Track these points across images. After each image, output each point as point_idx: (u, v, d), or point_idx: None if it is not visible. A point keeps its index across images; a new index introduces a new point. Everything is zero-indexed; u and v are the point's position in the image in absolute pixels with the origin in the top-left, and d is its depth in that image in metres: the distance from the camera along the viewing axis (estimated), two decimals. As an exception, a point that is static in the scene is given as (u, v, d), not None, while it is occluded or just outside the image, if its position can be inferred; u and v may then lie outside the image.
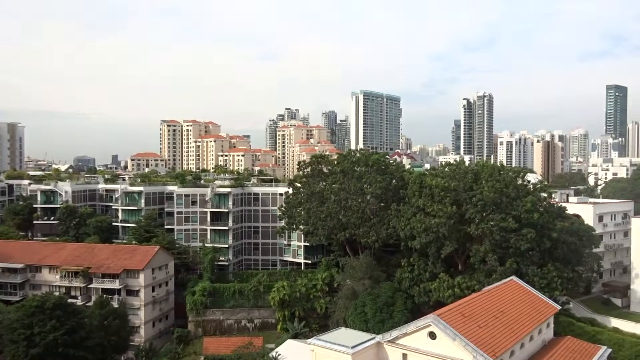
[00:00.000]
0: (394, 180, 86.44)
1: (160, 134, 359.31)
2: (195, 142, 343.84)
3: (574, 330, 62.53)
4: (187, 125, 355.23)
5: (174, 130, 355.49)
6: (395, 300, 69.47)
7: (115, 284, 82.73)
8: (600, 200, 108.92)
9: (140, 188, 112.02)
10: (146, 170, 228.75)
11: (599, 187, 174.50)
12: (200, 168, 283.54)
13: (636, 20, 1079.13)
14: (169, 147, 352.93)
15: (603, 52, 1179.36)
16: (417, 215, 72.80)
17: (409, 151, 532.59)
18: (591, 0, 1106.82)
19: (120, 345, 72.17)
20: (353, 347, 44.25)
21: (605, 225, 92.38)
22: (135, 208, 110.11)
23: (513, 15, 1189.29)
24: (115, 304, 78.01)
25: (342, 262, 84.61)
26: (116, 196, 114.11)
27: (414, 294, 71.52)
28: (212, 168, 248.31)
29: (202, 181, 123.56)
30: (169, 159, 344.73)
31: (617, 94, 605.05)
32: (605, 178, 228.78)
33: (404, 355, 44.98)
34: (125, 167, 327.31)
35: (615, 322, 70.85)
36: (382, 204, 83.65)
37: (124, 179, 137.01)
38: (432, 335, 43.23)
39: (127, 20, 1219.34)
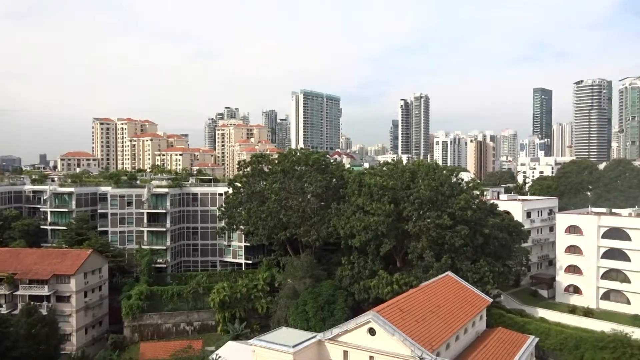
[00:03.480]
0: (334, 180, 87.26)
1: (93, 132, 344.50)
2: (131, 141, 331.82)
3: (504, 321, 65.63)
4: (122, 124, 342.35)
5: (108, 129, 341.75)
6: (336, 298, 70.11)
7: (44, 290, 78.70)
8: (528, 197, 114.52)
9: (71, 189, 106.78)
10: (77, 170, 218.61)
11: (527, 185, 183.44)
12: (136, 168, 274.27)
13: (558, 28, 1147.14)
14: (102, 146, 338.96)
15: (530, 57, 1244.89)
16: (356, 213, 73.90)
17: (348, 150, 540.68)
18: (519, 9, 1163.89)
19: (49, 354, 68.71)
20: (294, 346, 44.33)
21: (532, 220, 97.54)
22: (66, 210, 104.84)
23: (445, 20, 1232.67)
24: (44, 312, 74.17)
25: (283, 262, 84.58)
26: (45, 198, 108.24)
27: (354, 292, 72.52)
28: (149, 168, 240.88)
29: (138, 181, 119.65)
30: (102, 159, 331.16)
31: (543, 96, 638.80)
32: (533, 176, 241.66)
33: (345, 353, 45.54)
34: (55, 167, 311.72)
35: (542, 313, 74.96)
36: (322, 203, 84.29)
37: (53, 180, 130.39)
38: (372, 332, 44.00)
39: (58, 13, 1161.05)
